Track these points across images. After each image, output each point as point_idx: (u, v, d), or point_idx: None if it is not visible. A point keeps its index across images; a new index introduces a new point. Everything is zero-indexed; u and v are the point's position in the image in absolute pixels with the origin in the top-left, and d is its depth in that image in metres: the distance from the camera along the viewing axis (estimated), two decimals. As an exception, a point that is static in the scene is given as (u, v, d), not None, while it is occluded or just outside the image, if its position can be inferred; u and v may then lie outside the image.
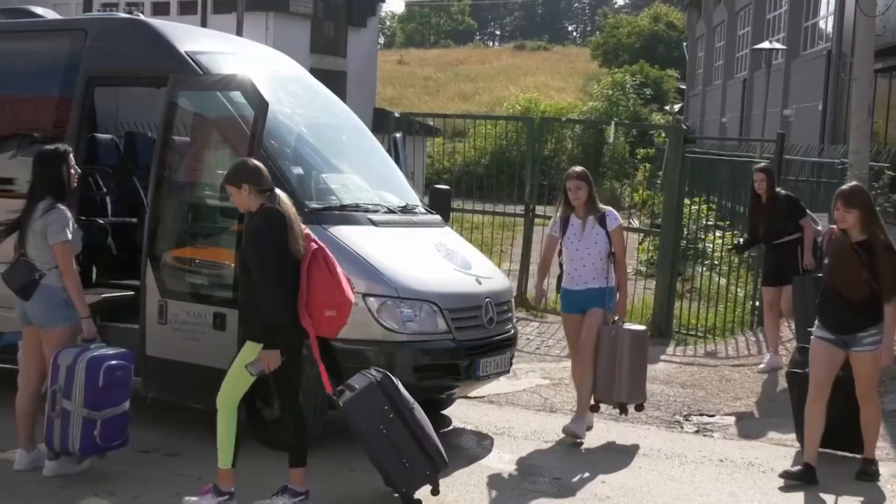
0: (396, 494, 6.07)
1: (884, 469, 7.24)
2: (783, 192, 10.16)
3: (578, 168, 8.10)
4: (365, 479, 6.43)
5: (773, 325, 10.25)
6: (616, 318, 7.77)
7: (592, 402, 7.78)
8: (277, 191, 5.86)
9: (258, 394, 7.01)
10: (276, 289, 5.61)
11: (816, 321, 6.97)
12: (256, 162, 5.98)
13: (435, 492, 6.10)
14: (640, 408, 8.03)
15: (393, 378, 6.17)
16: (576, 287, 7.74)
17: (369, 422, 5.97)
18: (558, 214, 7.91)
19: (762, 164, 10.38)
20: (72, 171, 6.50)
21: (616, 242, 7.75)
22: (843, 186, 7.04)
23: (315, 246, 5.81)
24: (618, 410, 7.99)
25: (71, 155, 6.56)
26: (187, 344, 7.06)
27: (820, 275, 8.70)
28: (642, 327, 8.16)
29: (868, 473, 7.00)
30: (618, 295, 7.80)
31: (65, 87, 8.08)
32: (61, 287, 6.24)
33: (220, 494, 5.79)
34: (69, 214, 6.35)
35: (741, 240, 11.15)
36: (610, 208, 7.93)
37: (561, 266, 7.91)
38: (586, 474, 6.87)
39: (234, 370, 5.81)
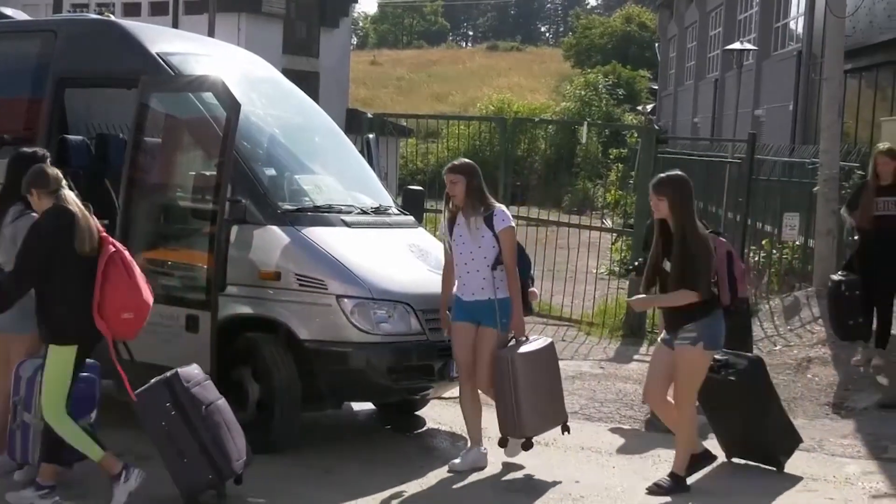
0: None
1: (855, 467, 7.31)
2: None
3: (458, 160, 7.05)
4: (338, 480, 6.43)
5: None
6: (513, 336, 6.85)
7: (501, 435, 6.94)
8: (65, 191, 5.86)
9: (232, 397, 7.00)
10: (26, 284, 5.73)
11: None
12: (40, 165, 5.99)
13: (221, 497, 5.99)
14: (565, 429, 7.11)
15: (188, 376, 6.07)
16: (464, 297, 6.84)
17: (153, 418, 5.93)
18: (445, 214, 7.03)
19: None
20: None
21: (504, 246, 6.73)
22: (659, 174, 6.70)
23: (112, 248, 5.80)
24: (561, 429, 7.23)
25: (47, 159, 6.51)
26: (160, 346, 7.02)
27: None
28: (544, 342, 7.02)
29: (661, 487, 6.55)
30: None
31: (35, 88, 8.04)
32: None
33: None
34: None
35: None
36: (500, 207, 6.89)
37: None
38: (560, 474, 6.88)
39: (45, 382, 5.78)
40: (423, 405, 8.23)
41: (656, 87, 50.45)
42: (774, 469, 7.05)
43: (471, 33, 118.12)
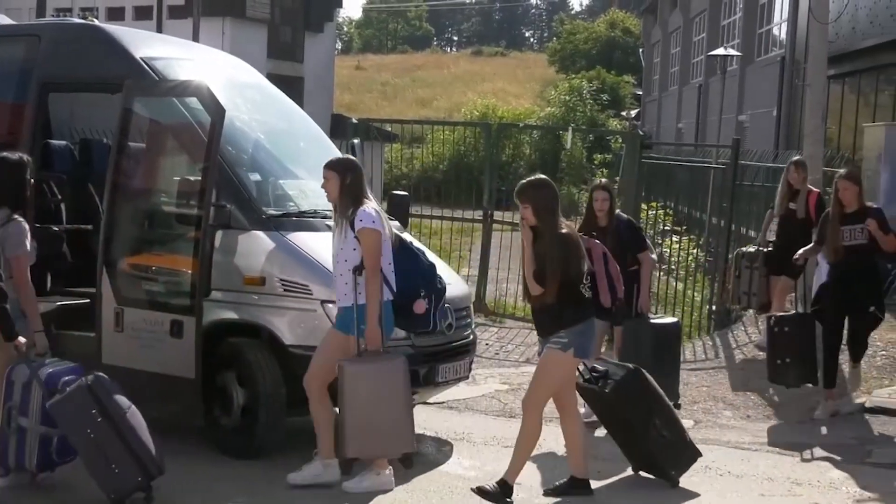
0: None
1: (840, 471, 7.33)
2: (625, 215, 9.02)
3: (335, 157, 6.81)
4: (325, 487, 6.41)
5: None
6: (364, 347, 6.29)
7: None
8: None
9: (217, 402, 6.98)
10: None
11: None
12: None
13: (148, 499, 5.97)
14: (406, 462, 6.38)
15: (105, 380, 6.04)
16: (338, 303, 6.53)
17: (76, 425, 5.88)
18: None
19: (602, 181, 9.08)
20: (29, 181, 6.44)
21: (363, 249, 6.28)
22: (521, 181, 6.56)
23: None
24: None
25: (30, 165, 6.50)
26: (144, 352, 7.00)
27: (656, 321, 8.64)
28: (390, 361, 6.33)
29: (558, 490, 6.49)
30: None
31: (18, 93, 8.00)
32: (15, 298, 6.16)
33: None
34: (27, 226, 6.28)
35: None
36: (365, 207, 6.35)
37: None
38: (546, 480, 6.87)
39: None
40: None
41: (640, 93, 50.59)
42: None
43: (455, 38, 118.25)
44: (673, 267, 13.82)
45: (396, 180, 19.96)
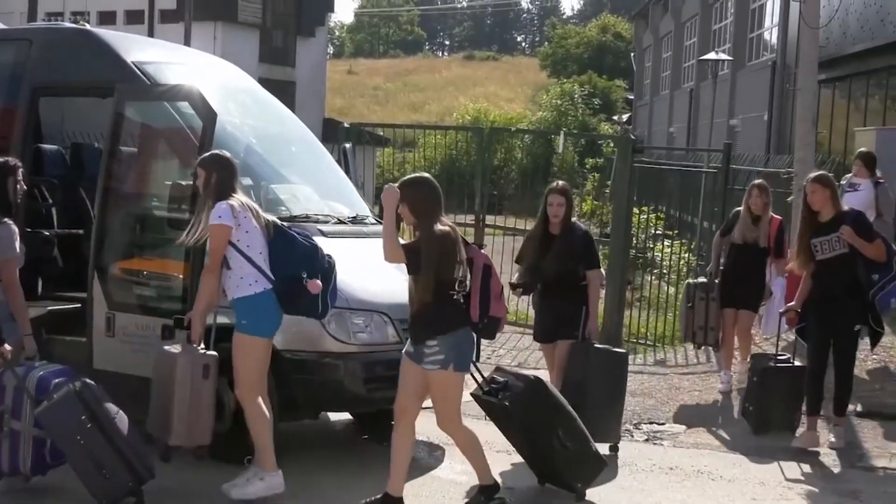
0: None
1: (830, 476, 7.33)
2: (582, 227, 8.24)
3: (208, 153, 6.51)
4: (315, 490, 6.40)
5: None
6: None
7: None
8: None
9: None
10: None
11: None
12: None
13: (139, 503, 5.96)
14: (198, 453, 6.39)
15: (93, 386, 6.03)
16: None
17: (66, 432, 5.86)
18: None
19: (560, 183, 7.98)
20: (18, 185, 6.43)
21: (209, 245, 6.29)
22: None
23: None
24: None
25: (20, 169, 6.49)
26: (136, 356, 6.98)
27: (599, 346, 7.76)
28: (206, 356, 6.26)
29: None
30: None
31: (9, 97, 7.98)
32: (4, 302, 6.14)
33: None
34: (16, 229, 6.27)
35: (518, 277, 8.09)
36: (221, 203, 6.19)
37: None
38: (538, 484, 6.87)
39: None
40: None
41: (632, 97, 50.72)
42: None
43: (447, 43, 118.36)
44: (664, 271, 13.83)
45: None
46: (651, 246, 14.39)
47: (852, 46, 20.11)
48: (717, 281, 9.49)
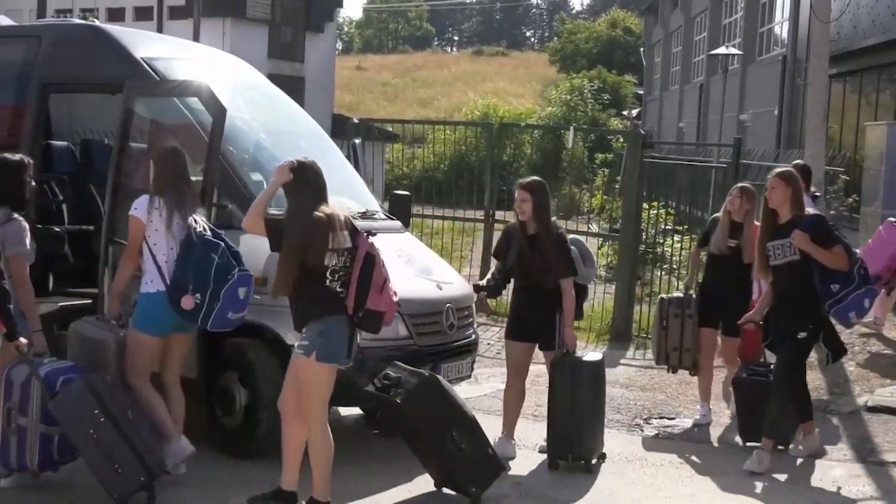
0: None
1: (842, 470, 7.33)
2: (560, 229, 7.46)
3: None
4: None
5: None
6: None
7: None
8: None
9: (219, 402, 6.98)
10: None
11: None
12: None
13: (151, 499, 5.96)
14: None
15: (107, 380, 6.04)
16: None
17: (78, 425, 5.86)
18: None
19: (527, 179, 7.53)
20: (29, 181, 6.45)
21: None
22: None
23: None
24: None
25: (31, 165, 6.51)
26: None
27: (582, 359, 7.27)
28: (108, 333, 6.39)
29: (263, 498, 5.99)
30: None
31: (19, 94, 7.99)
32: (16, 298, 6.16)
33: None
34: (27, 225, 6.28)
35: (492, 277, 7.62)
36: (146, 196, 6.41)
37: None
38: (548, 478, 6.87)
39: None
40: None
41: (641, 92, 50.61)
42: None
43: (456, 38, 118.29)
44: (674, 266, 13.81)
45: (397, 180, 19.99)
46: (661, 241, 14.35)
47: (863, 40, 20.06)
48: (694, 296, 8.46)
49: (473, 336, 7.92)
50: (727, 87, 26.70)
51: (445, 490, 6.46)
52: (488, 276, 7.58)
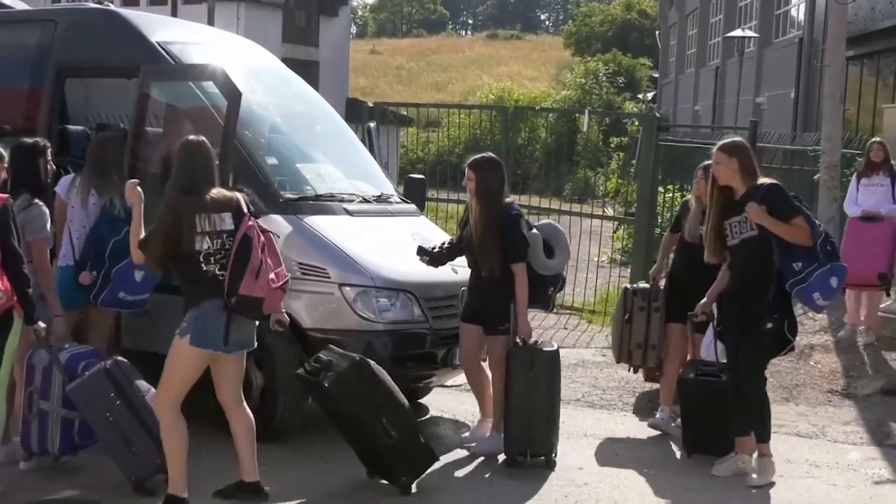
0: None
1: (858, 453, 7.33)
2: (515, 210, 7.01)
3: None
4: (340, 470, 6.44)
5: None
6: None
7: None
8: None
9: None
10: None
11: None
12: None
13: (167, 482, 5.92)
14: None
15: (124, 364, 6.07)
16: None
17: (95, 409, 5.89)
18: None
19: (479, 157, 7.29)
20: (48, 166, 6.49)
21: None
22: None
23: None
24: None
25: (49, 150, 6.54)
26: (162, 335, 7.00)
27: (541, 349, 6.81)
28: None
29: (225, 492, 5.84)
30: None
31: (35, 78, 8.01)
32: (36, 283, 6.19)
33: None
34: (46, 210, 6.32)
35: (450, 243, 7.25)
36: (69, 175, 6.84)
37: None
38: (564, 461, 6.88)
39: None
40: (426, 393, 8.23)
41: (657, 75, 50.39)
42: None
43: (470, 21, 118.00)
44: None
45: (412, 164, 20.02)
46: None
47: (881, 22, 19.94)
48: (662, 287, 7.66)
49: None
50: (743, 69, 26.59)
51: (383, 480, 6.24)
52: (440, 243, 7.17)
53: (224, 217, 5.57)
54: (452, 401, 8.39)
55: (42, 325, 6.00)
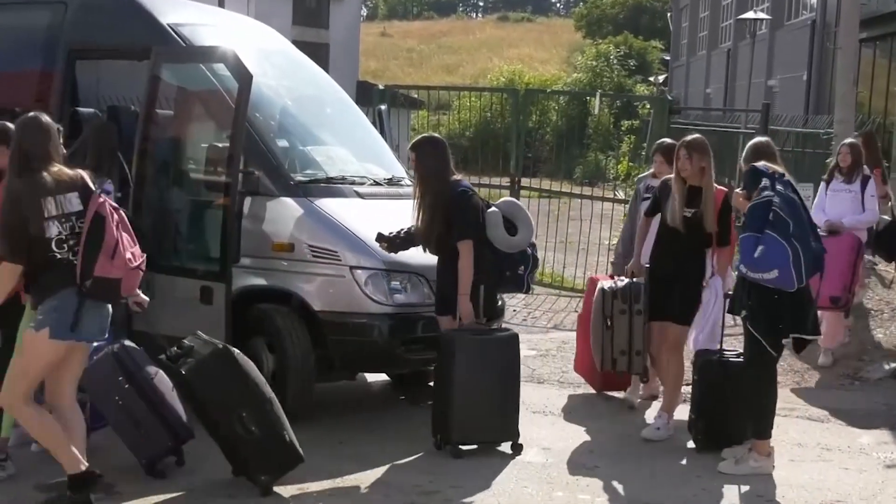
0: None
1: (870, 437, 7.31)
2: (461, 187, 6.74)
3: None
4: (351, 451, 6.45)
5: None
6: None
7: None
8: None
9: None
10: None
11: None
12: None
13: (179, 463, 6.03)
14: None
15: (132, 348, 6.06)
16: None
17: (104, 392, 5.89)
18: None
19: (420, 138, 7.04)
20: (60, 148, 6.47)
21: None
22: None
23: None
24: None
25: (62, 132, 6.53)
26: (174, 318, 7.04)
27: (493, 336, 6.62)
28: None
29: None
30: None
31: (46, 60, 8.01)
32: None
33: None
34: None
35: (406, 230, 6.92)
36: None
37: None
38: (574, 444, 6.88)
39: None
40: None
41: (668, 58, 50.18)
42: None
43: (481, 4, 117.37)
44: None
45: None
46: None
47: (894, 5, 19.79)
48: (643, 284, 7.08)
49: (500, 302, 7.91)
50: (755, 51, 26.45)
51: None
52: (399, 229, 6.86)
53: (70, 198, 5.27)
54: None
55: None
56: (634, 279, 7.17)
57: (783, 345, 6.52)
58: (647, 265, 7.08)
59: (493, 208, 6.77)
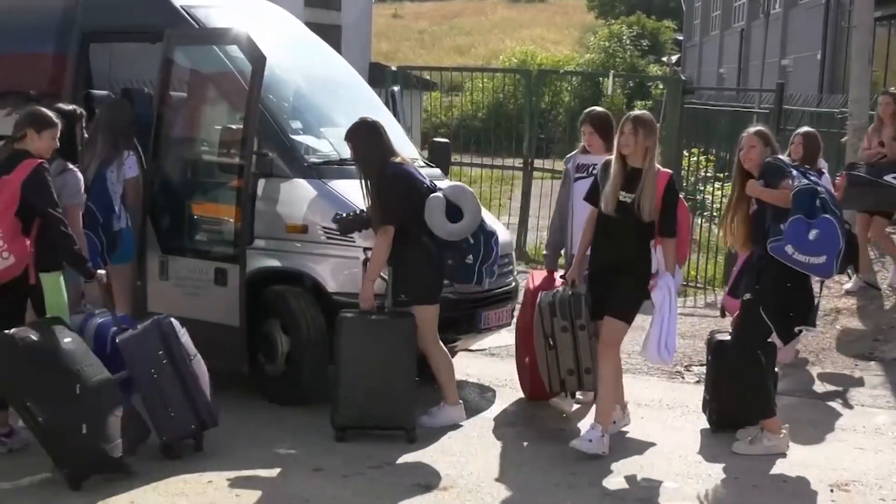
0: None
1: (885, 417, 7.31)
2: (393, 168, 6.59)
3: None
4: (364, 435, 6.47)
5: None
6: None
7: None
8: None
9: (262, 350, 7.04)
10: None
11: None
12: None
13: (198, 447, 6.05)
14: None
15: (176, 326, 6.07)
16: None
17: (142, 363, 5.92)
18: None
19: (351, 125, 6.79)
20: (82, 132, 6.52)
21: None
22: None
23: None
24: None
25: (83, 116, 6.56)
26: (189, 300, 7.06)
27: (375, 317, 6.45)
28: None
29: None
30: None
31: (60, 43, 8.02)
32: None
33: None
34: (81, 176, 6.35)
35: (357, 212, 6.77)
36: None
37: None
38: (589, 425, 6.89)
39: None
40: (451, 357, 8.23)
41: (681, 38, 49.98)
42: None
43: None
44: (715, 214, 13.70)
45: (435, 129, 19.96)
46: (701, 188, 14.24)
47: (909, -17, 19.65)
48: (582, 295, 6.43)
49: (513, 283, 7.92)
50: (769, 31, 26.34)
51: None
52: (353, 210, 6.76)
53: None
54: (477, 365, 8.41)
55: (101, 272, 6.09)
56: (573, 289, 6.51)
57: (795, 333, 6.47)
58: (587, 271, 6.46)
59: (436, 193, 6.56)
